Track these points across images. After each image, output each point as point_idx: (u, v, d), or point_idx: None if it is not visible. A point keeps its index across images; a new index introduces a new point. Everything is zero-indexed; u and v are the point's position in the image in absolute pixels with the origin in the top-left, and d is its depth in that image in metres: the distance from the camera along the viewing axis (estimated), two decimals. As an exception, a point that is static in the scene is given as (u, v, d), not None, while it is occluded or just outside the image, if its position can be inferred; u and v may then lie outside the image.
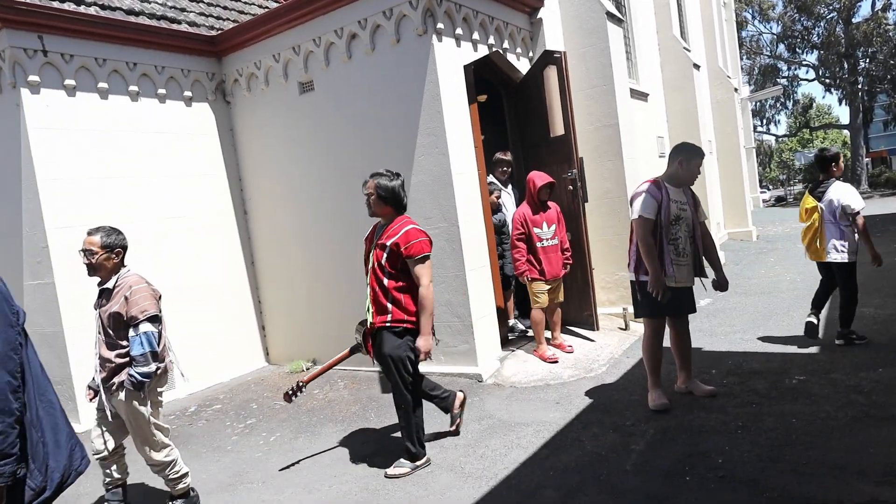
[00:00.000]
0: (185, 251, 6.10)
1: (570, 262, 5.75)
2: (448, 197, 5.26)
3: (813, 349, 5.07)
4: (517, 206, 6.31)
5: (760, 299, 7.19)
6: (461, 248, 5.25)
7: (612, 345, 5.89)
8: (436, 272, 5.39)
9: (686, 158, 4.17)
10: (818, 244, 5.12)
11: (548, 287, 5.53)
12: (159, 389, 3.50)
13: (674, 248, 4.09)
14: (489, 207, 5.85)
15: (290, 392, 4.08)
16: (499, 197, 6.25)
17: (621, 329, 6.38)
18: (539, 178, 5.48)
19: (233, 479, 3.96)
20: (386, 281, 3.63)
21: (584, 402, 4.49)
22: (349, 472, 3.83)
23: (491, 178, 6.27)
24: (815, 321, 5.26)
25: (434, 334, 3.75)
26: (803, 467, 3.13)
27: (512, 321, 6.48)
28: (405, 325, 3.62)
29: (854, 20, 29.01)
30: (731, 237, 12.75)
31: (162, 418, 3.52)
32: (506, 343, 5.98)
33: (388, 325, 3.62)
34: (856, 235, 4.98)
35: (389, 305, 3.62)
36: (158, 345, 3.33)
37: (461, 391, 4.20)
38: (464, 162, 5.40)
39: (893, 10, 29.11)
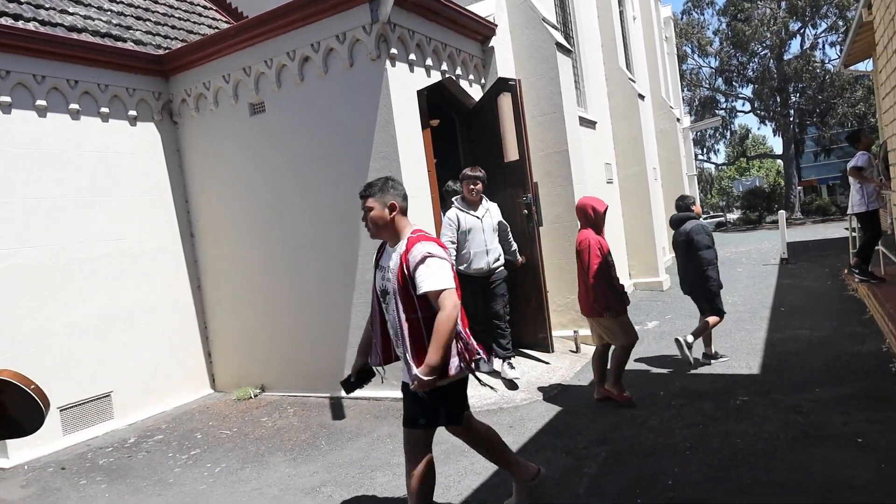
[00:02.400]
0: (128, 275, 5.86)
1: None
2: (401, 221, 5.23)
3: (755, 370, 5.25)
4: (493, 227, 5.58)
5: (704, 322, 7.40)
6: (414, 272, 5.22)
7: (563, 367, 5.95)
8: (388, 296, 5.35)
9: None
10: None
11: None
12: None
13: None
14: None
15: None
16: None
17: (573, 352, 6.47)
18: (598, 203, 4.80)
19: (174, 514, 3.77)
20: None
21: (536, 426, 4.50)
22: (299, 503, 3.71)
23: (457, 202, 5.58)
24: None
25: None
26: (748, 487, 3.21)
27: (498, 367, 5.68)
28: None
29: (785, 57, 30.82)
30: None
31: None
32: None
33: None
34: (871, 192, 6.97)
35: None
36: None
37: None
38: (417, 186, 5.40)
39: (820, 50, 31.13)
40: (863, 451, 3.46)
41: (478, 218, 5.57)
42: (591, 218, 4.78)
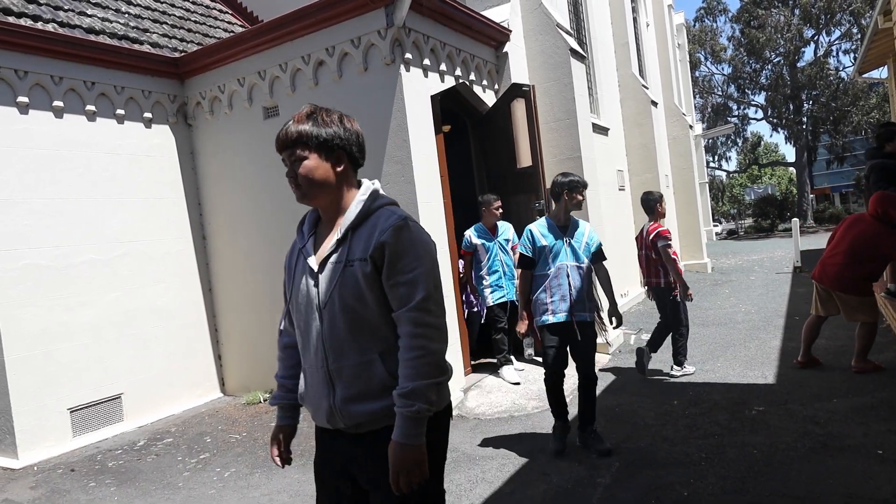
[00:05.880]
0: (139, 277, 5.88)
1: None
2: (414, 225, 5.22)
3: (770, 380, 5.17)
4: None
5: (718, 330, 7.34)
6: (426, 276, 5.20)
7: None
8: (400, 301, 5.33)
9: None
10: None
11: None
12: None
13: None
14: (454, 237, 5.83)
15: None
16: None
17: (584, 359, 6.39)
18: None
19: (184, 517, 3.76)
20: None
21: (548, 434, 4.44)
22: (308, 509, 3.68)
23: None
24: None
25: None
26: (766, 499, 3.15)
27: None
28: None
29: (799, 64, 30.63)
30: (688, 269, 13.06)
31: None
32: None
33: None
34: None
35: None
36: None
37: None
38: (430, 191, 5.39)
39: (834, 57, 30.91)
40: (884, 462, 3.39)
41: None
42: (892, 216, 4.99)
